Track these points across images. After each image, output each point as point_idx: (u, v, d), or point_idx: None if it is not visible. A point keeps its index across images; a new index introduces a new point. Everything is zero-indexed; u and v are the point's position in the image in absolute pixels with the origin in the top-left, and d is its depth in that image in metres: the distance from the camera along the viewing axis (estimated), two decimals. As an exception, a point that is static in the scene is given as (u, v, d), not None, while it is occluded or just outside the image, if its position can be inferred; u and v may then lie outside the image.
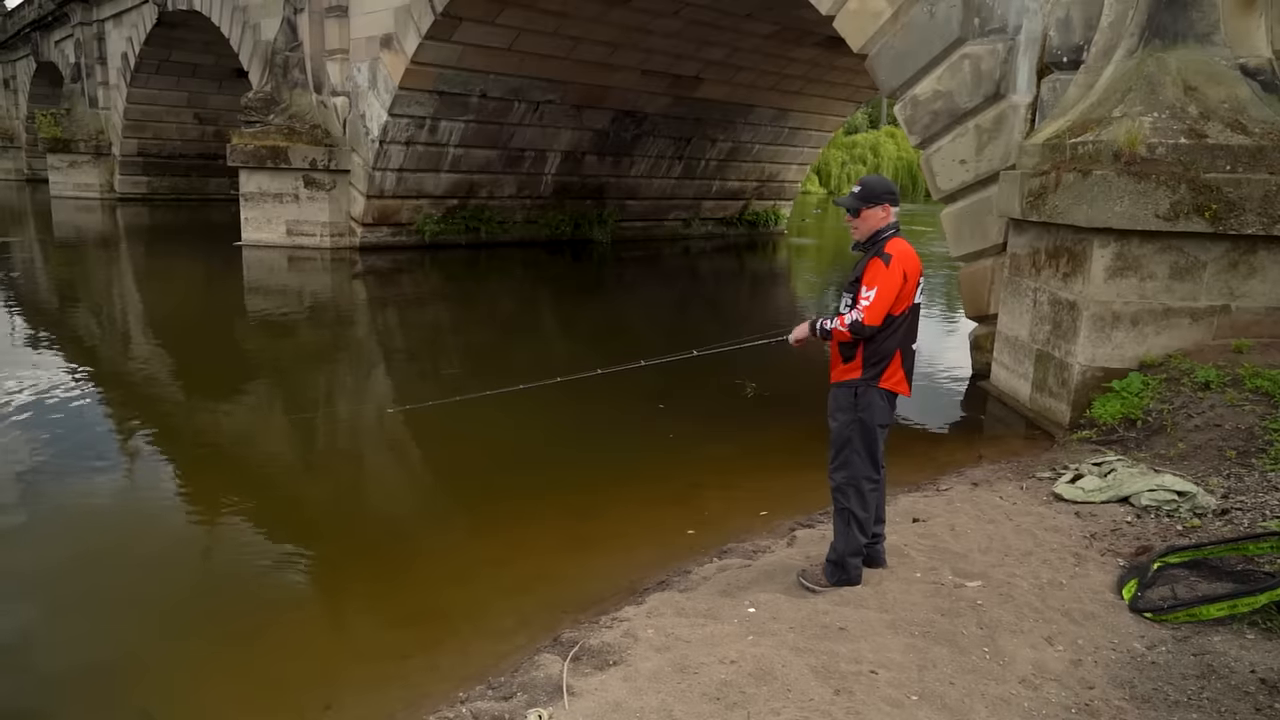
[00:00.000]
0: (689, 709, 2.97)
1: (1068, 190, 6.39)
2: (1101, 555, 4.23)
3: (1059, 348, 6.74)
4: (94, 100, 30.42)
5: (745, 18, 16.73)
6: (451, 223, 18.73)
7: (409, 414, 7.42)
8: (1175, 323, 6.31)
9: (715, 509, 5.37)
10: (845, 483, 3.85)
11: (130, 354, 9.87)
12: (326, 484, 6.17)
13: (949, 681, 3.15)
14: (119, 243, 21.01)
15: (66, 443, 6.49)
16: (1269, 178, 5.92)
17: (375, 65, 16.64)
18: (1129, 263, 6.23)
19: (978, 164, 8.43)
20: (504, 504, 5.53)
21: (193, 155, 31.03)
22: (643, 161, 21.60)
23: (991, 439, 7.03)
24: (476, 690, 3.39)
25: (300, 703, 3.49)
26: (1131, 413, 5.96)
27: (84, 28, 29.69)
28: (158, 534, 5.14)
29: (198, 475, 6.06)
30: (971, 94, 8.40)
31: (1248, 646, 3.25)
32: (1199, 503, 4.60)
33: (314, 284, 15.24)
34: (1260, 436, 5.25)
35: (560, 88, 18.00)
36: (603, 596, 4.22)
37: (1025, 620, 3.58)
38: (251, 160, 17.57)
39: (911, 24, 8.81)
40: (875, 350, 3.74)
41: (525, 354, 9.47)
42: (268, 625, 4.10)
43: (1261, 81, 6.44)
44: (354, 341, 11.07)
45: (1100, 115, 6.56)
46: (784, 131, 23.53)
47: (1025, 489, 5.29)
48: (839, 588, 3.88)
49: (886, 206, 3.77)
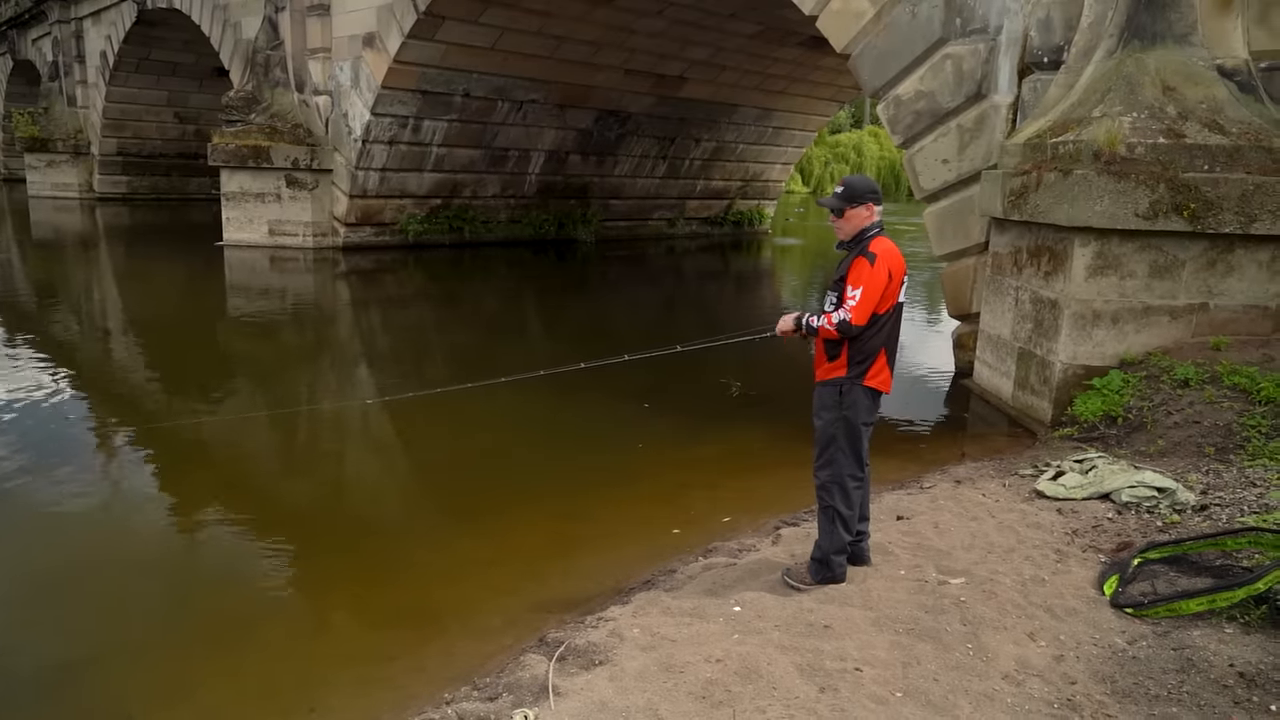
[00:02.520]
0: (675, 708, 2.98)
1: (1049, 189, 6.45)
2: (1083, 551, 4.26)
3: (1041, 346, 6.79)
4: (72, 99, 30.04)
5: (729, 17, 16.77)
6: (435, 223, 18.68)
7: (392, 416, 7.39)
8: (1155, 321, 6.38)
9: (701, 508, 5.38)
10: (830, 481, 3.87)
11: (110, 355, 9.77)
12: (310, 484, 6.14)
13: (933, 678, 3.17)
14: (98, 243, 20.79)
15: (46, 444, 6.42)
16: (1246, 177, 5.99)
17: (358, 64, 16.56)
18: (1109, 261, 6.29)
19: (960, 163, 8.48)
20: (489, 504, 5.52)
21: (173, 155, 30.74)
22: (627, 161, 21.60)
23: (974, 437, 7.08)
24: (462, 691, 3.38)
25: (285, 705, 3.47)
26: (1112, 410, 6.02)
27: (62, 26, 29.32)
28: (137, 535, 5.09)
29: (179, 476, 6.01)
30: (953, 94, 8.45)
31: (1226, 641, 3.29)
32: (1178, 499, 4.65)
33: (297, 284, 15.15)
34: (1238, 433, 5.31)
35: (544, 87, 17.97)
36: (589, 596, 4.22)
37: (1008, 616, 3.60)
38: (233, 160, 17.44)
39: (894, 24, 8.85)
40: (860, 349, 3.75)
41: (510, 353, 9.46)
42: (252, 627, 4.07)
43: (1238, 82, 6.51)
44: (337, 341, 11.01)
45: (1080, 115, 6.62)
46: (768, 131, 23.59)
47: (1008, 486, 5.33)
48: (824, 586, 3.89)
49: (870, 205, 3.79)
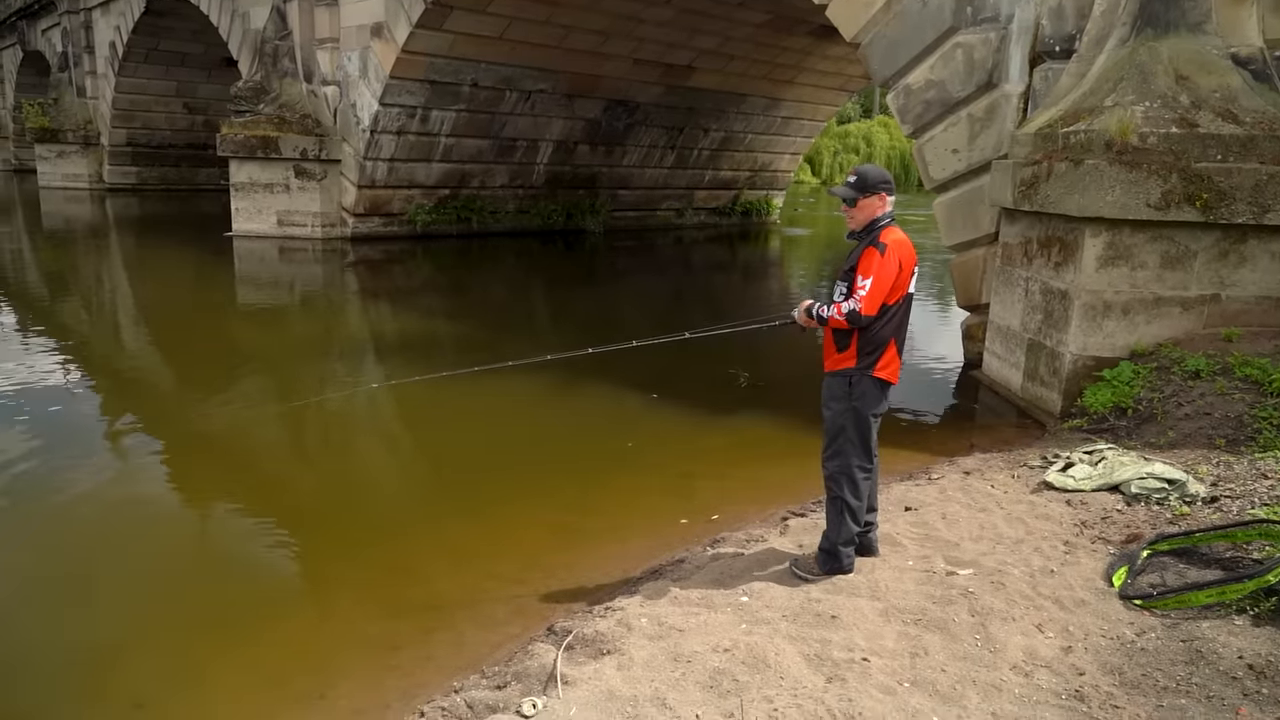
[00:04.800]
0: (683, 697, 2.99)
1: (1060, 179, 6.40)
2: (1092, 543, 4.25)
3: (1050, 337, 6.76)
4: (82, 90, 30.11)
5: (737, 6, 16.67)
6: (443, 213, 18.68)
7: (399, 403, 7.41)
8: (1166, 312, 6.34)
9: (708, 498, 5.38)
10: (838, 471, 3.87)
11: (121, 344, 9.82)
12: (318, 473, 6.17)
13: (941, 669, 3.17)
14: (109, 233, 20.85)
15: (56, 433, 6.45)
16: (1260, 167, 5.94)
17: (366, 54, 16.54)
18: (1120, 252, 6.25)
19: (970, 153, 8.43)
20: (496, 494, 5.54)
21: (182, 145, 30.79)
22: (635, 151, 21.54)
23: (983, 428, 7.06)
24: (471, 680, 3.40)
25: (295, 692, 3.49)
26: (1122, 401, 5.99)
27: (71, 16, 29.36)
28: (146, 524, 5.13)
29: (189, 465, 6.04)
30: (964, 83, 8.39)
31: (1236, 633, 3.28)
32: (1188, 490, 4.63)
33: (306, 274, 15.18)
34: (1249, 425, 5.28)
35: (552, 77, 17.91)
36: (596, 586, 4.24)
37: (1016, 607, 3.60)
38: (241, 150, 17.44)
39: (904, 12, 8.79)
40: (870, 339, 3.75)
41: (518, 342, 9.46)
42: (261, 615, 4.09)
43: (1253, 71, 6.45)
44: (346, 331, 11.04)
45: (1092, 104, 6.57)
46: (776, 121, 23.47)
47: (1017, 477, 5.31)
48: (832, 576, 3.90)
49: (883, 195, 3.78)
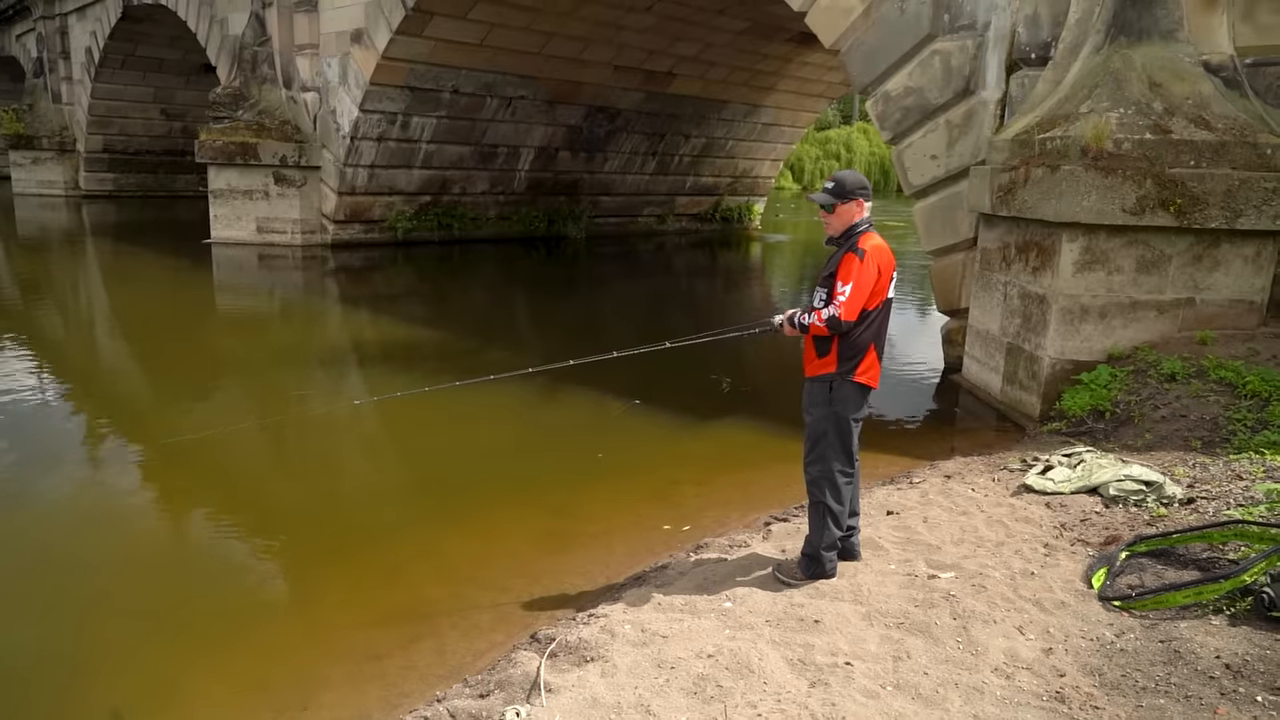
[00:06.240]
0: (667, 703, 2.99)
1: (1036, 185, 6.47)
2: (1071, 545, 4.29)
3: (1029, 341, 6.82)
4: (57, 96, 29.80)
5: (718, 13, 16.76)
6: (424, 220, 18.62)
7: (382, 412, 7.36)
8: (1142, 315, 6.42)
9: (691, 504, 5.39)
10: (820, 476, 3.88)
11: (97, 353, 9.71)
12: (300, 482, 6.12)
13: (923, 672, 3.18)
14: (85, 240, 20.62)
15: (34, 444, 6.38)
16: (1231, 173, 6.03)
17: (346, 60, 16.48)
18: (1097, 256, 6.32)
19: (948, 159, 8.50)
20: (480, 501, 5.52)
21: (160, 151, 30.51)
22: (616, 158, 21.57)
23: (964, 432, 7.11)
24: (454, 689, 3.38)
25: (277, 703, 3.46)
26: (1100, 404, 6.06)
27: (46, 21, 29.07)
28: (127, 534, 5.07)
29: (169, 475, 5.98)
30: (942, 90, 8.47)
31: (1213, 632, 3.32)
32: (1165, 492, 4.68)
33: (286, 282, 15.07)
34: (1224, 426, 5.36)
35: (533, 83, 17.92)
36: (580, 593, 4.23)
37: (997, 610, 3.62)
38: (220, 156, 17.33)
39: (882, 20, 8.87)
40: (850, 344, 3.76)
41: (499, 350, 9.44)
42: (243, 625, 4.06)
43: (1224, 78, 6.55)
44: (326, 339, 10.96)
45: (1068, 111, 6.65)
46: (757, 127, 23.59)
47: (997, 481, 5.35)
48: (815, 581, 3.91)
49: (860, 201, 3.80)
